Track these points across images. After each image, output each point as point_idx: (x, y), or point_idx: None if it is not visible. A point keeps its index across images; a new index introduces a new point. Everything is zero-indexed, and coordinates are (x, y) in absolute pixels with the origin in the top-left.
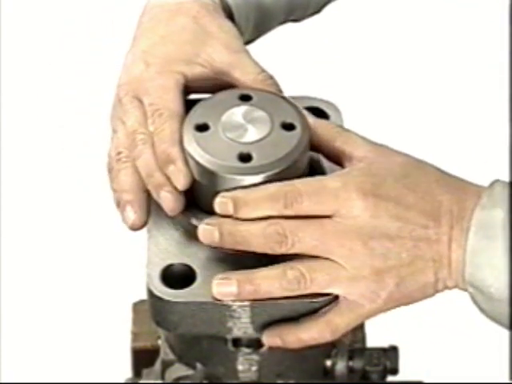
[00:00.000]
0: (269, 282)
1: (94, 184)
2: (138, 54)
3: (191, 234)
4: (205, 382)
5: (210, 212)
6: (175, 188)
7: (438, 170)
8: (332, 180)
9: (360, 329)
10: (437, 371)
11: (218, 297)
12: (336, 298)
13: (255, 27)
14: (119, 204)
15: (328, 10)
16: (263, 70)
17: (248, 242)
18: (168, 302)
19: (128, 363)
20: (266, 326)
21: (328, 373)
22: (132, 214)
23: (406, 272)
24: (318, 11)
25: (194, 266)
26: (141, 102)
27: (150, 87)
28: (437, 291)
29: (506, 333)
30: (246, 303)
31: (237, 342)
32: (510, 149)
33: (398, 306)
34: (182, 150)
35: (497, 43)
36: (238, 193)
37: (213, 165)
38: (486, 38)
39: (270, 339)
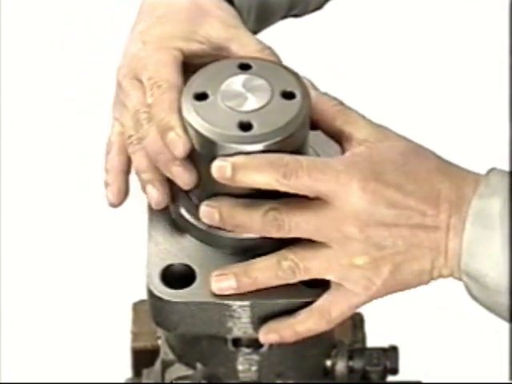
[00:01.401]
0: (265, 273)
1: (94, 184)
2: (135, 35)
3: (191, 234)
4: (205, 382)
5: (210, 192)
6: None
7: (437, 156)
8: (335, 162)
9: (360, 329)
10: (436, 371)
11: (218, 292)
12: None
13: (256, 20)
14: (106, 185)
15: (329, 6)
16: (261, 42)
17: (246, 225)
18: (168, 301)
19: (128, 363)
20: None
21: (328, 373)
22: (155, 192)
23: (402, 260)
24: (319, 7)
25: (194, 266)
26: (140, 81)
27: (147, 63)
28: (431, 279)
29: (505, 333)
30: (246, 303)
31: (237, 342)
32: (510, 144)
33: (393, 292)
34: (181, 119)
35: (497, 42)
36: (237, 158)
37: (212, 133)
38: (486, 36)
39: (266, 336)
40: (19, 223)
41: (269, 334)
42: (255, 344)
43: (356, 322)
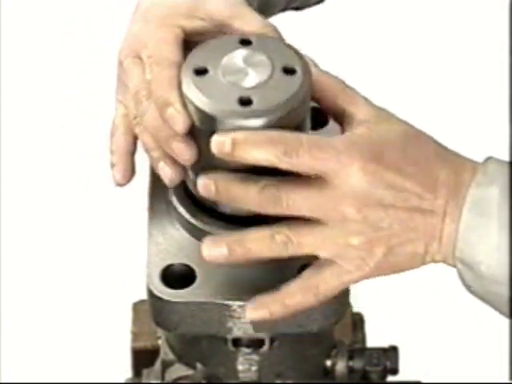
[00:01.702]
0: (258, 244)
1: (94, 184)
2: (137, 16)
3: (191, 234)
4: (205, 382)
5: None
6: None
7: (437, 143)
8: (336, 141)
9: (360, 329)
10: (436, 371)
11: (209, 259)
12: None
13: (257, 10)
14: (112, 166)
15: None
16: (264, 20)
17: (243, 200)
18: (168, 301)
19: (128, 363)
20: (266, 326)
21: (328, 373)
22: (168, 169)
23: (396, 242)
24: (321, 0)
25: (194, 266)
26: (141, 60)
27: (148, 41)
28: (423, 263)
29: (505, 333)
30: (246, 303)
31: (237, 342)
32: (510, 144)
33: (384, 274)
34: (181, 95)
35: (497, 42)
36: (237, 133)
37: (212, 108)
38: (486, 36)
39: (255, 312)
40: (19, 223)
41: (258, 311)
42: (255, 344)
43: (356, 322)
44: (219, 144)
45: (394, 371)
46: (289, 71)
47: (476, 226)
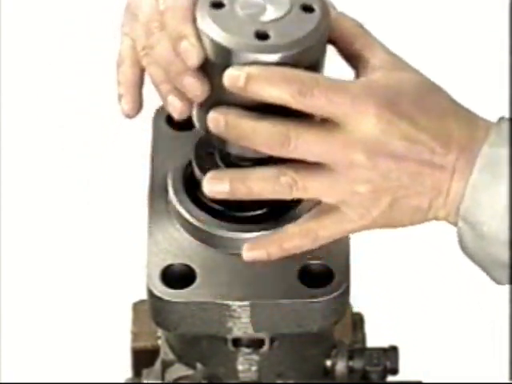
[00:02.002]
0: (262, 184)
1: (94, 184)
2: None
3: (191, 234)
4: (205, 382)
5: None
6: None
7: (451, 98)
8: (352, 85)
9: (360, 329)
10: (437, 371)
11: (210, 195)
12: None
13: None
14: (120, 97)
15: None
16: None
17: (251, 137)
18: (168, 301)
19: (128, 363)
20: (266, 326)
21: (328, 373)
22: (177, 102)
23: (403, 194)
24: None
25: (194, 266)
26: None
27: None
28: (425, 220)
29: (505, 333)
30: (246, 303)
31: (237, 342)
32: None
33: (385, 227)
34: (195, 28)
35: (497, 42)
36: (252, 67)
37: (228, 41)
38: (486, 36)
39: (251, 252)
40: (19, 223)
41: (254, 250)
42: (255, 344)
43: (356, 322)
44: (233, 78)
45: (394, 371)
46: (307, 9)
47: (485, 185)
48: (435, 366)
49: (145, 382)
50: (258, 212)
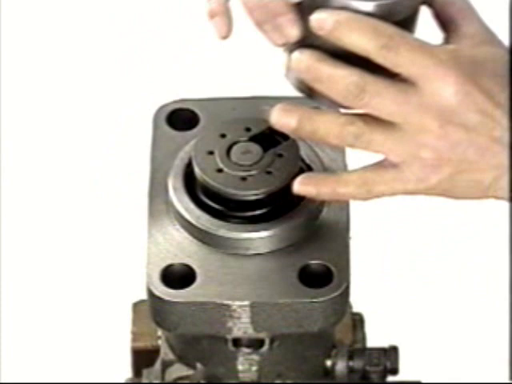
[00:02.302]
0: (329, 126)
1: (95, 184)
2: None
3: (191, 234)
4: (205, 382)
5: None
6: None
7: None
8: (439, 50)
9: (360, 329)
10: (437, 371)
11: (275, 125)
12: None
13: None
14: (214, 14)
15: None
16: None
17: (328, 81)
18: (168, 301)
19: (128, 363)
20: (266, 326)
21: (328, 373)
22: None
23: (465, 168)
24: None
25: (194, 266)
26: None
27: None
28: (485, 196)
29: (505, 333)
30: (246, 303)
31: (237, 342)
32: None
33: (440, 195)
34: None
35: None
36: (342, 12)
37: None
38: None
39: (303, 187)
40: (19, 223)
41: (307, 186)
42: (255, 344)
43: (356, 322)
44: (321, 21)
45: (394, 371)
46: None
47: None
48: (435, 365)
49: (145, 381)
50: (259, 212)
